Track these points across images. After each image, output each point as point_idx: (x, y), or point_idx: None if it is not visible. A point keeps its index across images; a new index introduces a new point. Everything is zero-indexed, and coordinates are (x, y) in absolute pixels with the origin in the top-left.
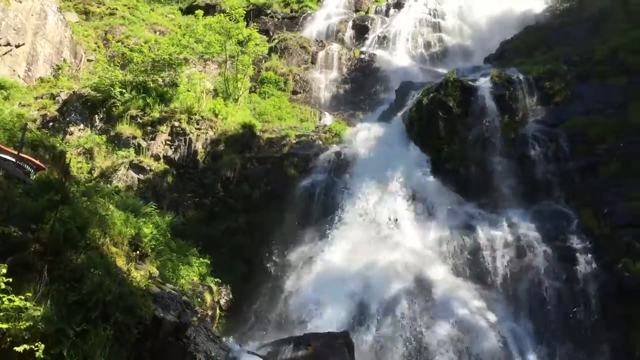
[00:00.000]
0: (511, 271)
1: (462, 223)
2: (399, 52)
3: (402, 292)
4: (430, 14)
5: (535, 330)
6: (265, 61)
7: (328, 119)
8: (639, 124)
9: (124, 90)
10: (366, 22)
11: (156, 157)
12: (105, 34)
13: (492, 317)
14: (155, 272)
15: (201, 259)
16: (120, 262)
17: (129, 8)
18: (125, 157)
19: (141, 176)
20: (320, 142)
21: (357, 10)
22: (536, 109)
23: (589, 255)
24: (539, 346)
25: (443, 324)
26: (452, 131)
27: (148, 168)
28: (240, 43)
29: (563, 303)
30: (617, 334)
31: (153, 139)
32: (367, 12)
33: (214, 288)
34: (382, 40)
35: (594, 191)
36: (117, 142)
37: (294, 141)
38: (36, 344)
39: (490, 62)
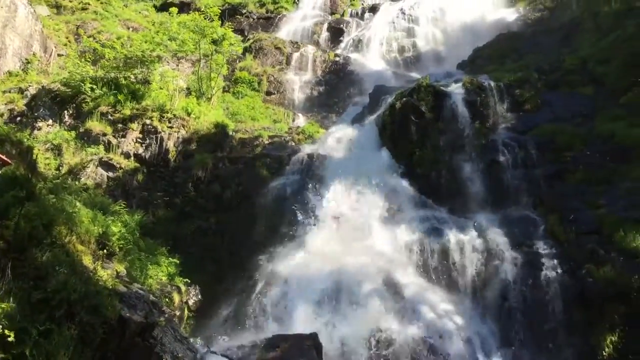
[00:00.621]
0: (479, 275)
1: (432, 227)
2: (373, 55)
3: (372, 294)
4: (404, 19)
5: (500, 333)
6: (239, 61)
7: (301, 121)
8: (605, 133)
9: (94, 87)
10: (341, 25)
11: (126, 155)
12: (77, 28)
13: (459, 320)
14: (123, 271)
15: (170, 258)
16: (87, 261)
17: (101, 3)
18: (95, 154)
19: (111, 174)
20: (293, 144)
21: (332, 13)
22: (506, 116)
23: (555, 261)
24: (504, 349)
25: (411, 326)
26: (424, 136)
27: (118, 166)
28: (214, 42)
29: (528, 307)
30: (580, 338)
31: (124, 136)
32: (342, 15)
33: (183, 288)
34: (357, 44)
35: (561, 198)
36: (87, 139)
37: (266, 142)
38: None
39: (462, 69)
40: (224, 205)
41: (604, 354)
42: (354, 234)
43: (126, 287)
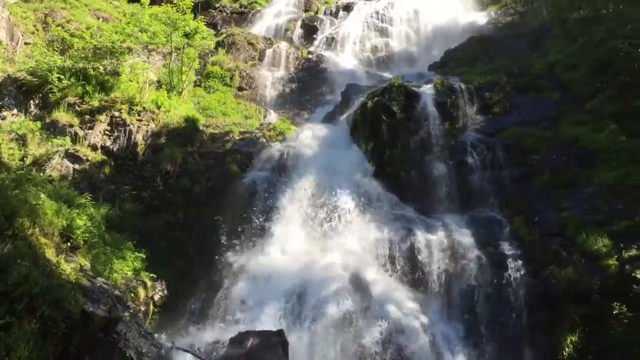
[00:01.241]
0: (445, 275)
1: (400, 226)
2: (347, 54)
3: (339, 292)
4: (378, 19)
5: (465, 332)
6: (211, 55)
7: (273, 117)
8: (570, 138)
9: (62, 77)
10: (315, 23)
11: (94, 147)
12: (45, 17)
13: (425, 319)
14: (87, 265)
15: (136, 253)
16: (50, 254)
17: None
18: (61, 146)
19: (77, 166)
20: (264, 140)
21: (306, 10)
22: (476, 118)
23: (519, 262)
24: (468, 348)
25: (378, 324)
26: (394, 135)
27: (84, 158)
28: (186, 35)
29: (492, 307)
30: (542, 338)
31: (91, 128)
32: (316, 13)
33: (149, 283)
34: (331, 42)
35: (526, 200)
36: (53, 130)
37: (237, 137)
38: None
39: (434, 70)
40: (192, 200)
41: (564, 353)
42: (323, 231)
43: (90, 281)
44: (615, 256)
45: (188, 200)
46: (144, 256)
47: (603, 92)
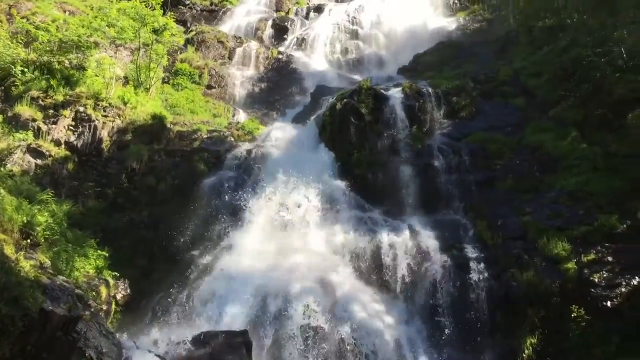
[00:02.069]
0: (410, 277)
1: (366, 228)
2: (317, 55)
3: (305, 293)
4: (349, 21)
5: (428, 334)
6: (180, 52)
7: (242, 116)
8: (534, 144)
9: (25, 70)
10: (286, 23)
11: (57, 143)
12: (10, 8)
13: (389, 320)
14: (47, 262)
15: (99, 251)
16: (9, 250)
17: None
18: (23, 140)
19: (39, 161)
20: (232, 139)
21: (277, 10)
22: (443, 122)
23: (482, 265)
24: (431, 349)
25: (343, 325)
26: (362, 137)
27: (47, 153)
28: (155, 31)
29: (455, 309)
30: (503, 339)
31: (55, 123)
32: (287, 13)
33: (111, 282)
34: (301, 43)
35: (490, 204)
36: (15, 124)
37: (205, 136)
38: None
39: (403, 73)
40: (158, 198)
41: (524, 355)
42: (289, 232)
43: (50, 279)
44: (575, 260)
45: (153, 198)
46: (107, 254)
47: (566, 100)
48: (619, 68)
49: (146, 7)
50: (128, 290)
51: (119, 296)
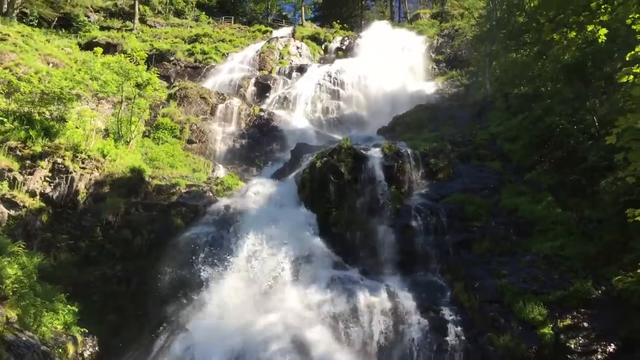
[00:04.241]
0: (386, 338)
1: (343, 287)
2: (298, 114)
3: (280, 353)
4: (330, 82)
5: None
6: (163, 107)
7: (221, 172)
8: (510, 207)
9: (5, 120)
10: (269, 82)
11: (32, 193)
12: None
13: None
14: (14, 317)
15: (69, 306)
16: None
17: (22, 36)
18: None
19: (12, 212)
20: (211, 194)
21: (261, 69)
22: (421, 183)
23: (459, 328)
24: None
25: None
26: (341, 196)
27: (21, 204)
28: (138, 86)
29: None
30: None
31: (31, 173)
32: (270, 72)
33: (79, 338)
34: (283, 101)
35: (467, 266)
36: None
37: (183, 190)
38: None
39: (382, 134)
40: (132, 253)
41: None
42: (265, 290)
43: (15, 334)
44: (551, 325)
45: (128, 252)
46: (77, 309)
47: (541, 165)
48: (591, 136)
49: (131, 61)
50: (96, 348)
51: (86, 354)
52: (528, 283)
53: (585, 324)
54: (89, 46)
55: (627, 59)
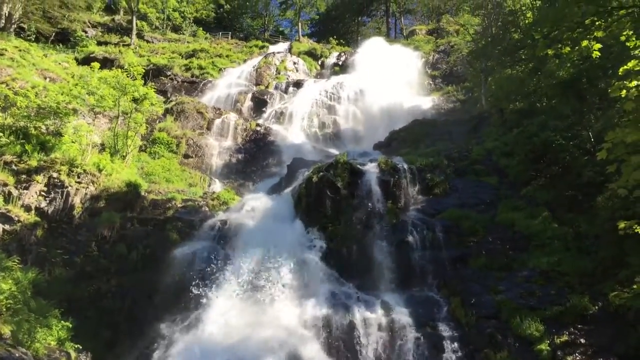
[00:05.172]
0: (383, 354)
1: (339, 303)
2: (295, 128)
3: None
4: (327, 97)
5: None
6: (159, 121)
7: (218, 186)
8: (506, 222)
9: (1, 134)
10: (265, 97)
11: (27, 208)
12: None
13: None
14: (7, 333)
15: (62, 321)
16: None
17: (20, 50)
18: None
19: (7, 227)
20: (207, 209)
21: (257, 84)
22: (417, 198)
23: (455, 344)
24: None
25: None
26: (338, 211)
27: (16, 219)
28: (135, 100)
29: None
30: None
31: (27, 188)
32: (267, 87)
33: (73, 355)
34: (279, 116)
35: (464, 281)
36: None
37: (179, 205)
38: None
39: (379, 149)
40: (128, 268)
41: None
42: (261, 305)
43: (8, 350)
44: (548, 341)
45: (123, 267)
46: (71, 325)
47: (537, 180)
48: (587, 151)
49: (128, 76)
50: None
51: None
52: (525, 299)
53: (582, 340)
54: (86, 61)
55: (620, 73)
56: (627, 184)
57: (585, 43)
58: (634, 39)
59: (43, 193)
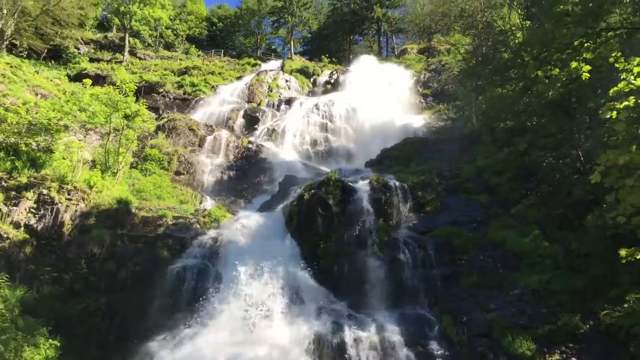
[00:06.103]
0: None
1: (330, 321)
2: (286, 146)
3: None
4: (319, 115)
5: None
6: (151, 138)
7: (209, 204)
8: (497, 240)
9: None
10: (257, 114)
11: (16, 225)
12: None
13: None
14: None
15: (51, 340)
16: None
17: (11, 67)
18: None
19: None
20: (198, 226)
21: (249, 101)
22: (409, 216)
23: None
24: None
25: None
26: (329, 228)
27: (5, 236)
28: (127, 117)
29: None
30: None
31: (16, 205)
32: (259, 105)
33: None
34: (271, 133)
35: (455, 299)
36: None
37: (170, 222)
38: None
39: (370, 167)
40: (117, 285)
41: None
42: (251, 323)
43: None
44: None
45: (112, 285)
46: (59, 344)
47: (527, 198)
48: (577, 170)
49: (120, 93)
50: None
51: None
52: (516, 317)
53: (574, 359)
54: (78, 77)
55: (611, 94)
56: (625, 212)
57: (574, 64)
58: (622, 60)
59: (32, 210)
